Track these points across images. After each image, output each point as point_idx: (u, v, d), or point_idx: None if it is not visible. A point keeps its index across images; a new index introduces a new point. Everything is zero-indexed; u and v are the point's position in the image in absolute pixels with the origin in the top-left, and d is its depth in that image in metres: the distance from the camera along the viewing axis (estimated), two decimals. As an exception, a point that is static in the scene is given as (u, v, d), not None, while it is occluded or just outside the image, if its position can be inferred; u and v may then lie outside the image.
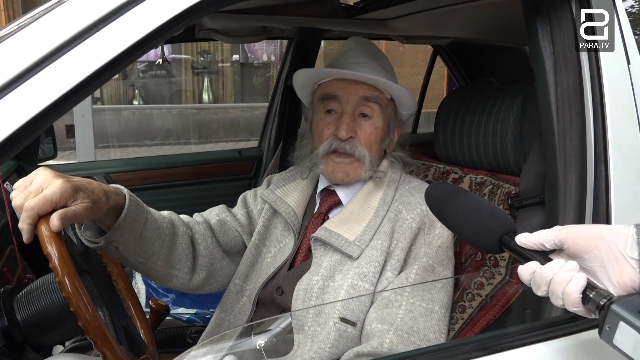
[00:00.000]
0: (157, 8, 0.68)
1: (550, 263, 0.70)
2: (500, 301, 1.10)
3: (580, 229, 0.72)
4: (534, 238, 0.74)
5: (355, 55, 1.29)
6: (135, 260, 1.10)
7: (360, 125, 1.24)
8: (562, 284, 0.68)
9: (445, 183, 0.94)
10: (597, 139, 0.94)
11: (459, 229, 0.85)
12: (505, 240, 0.77)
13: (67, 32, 0.66)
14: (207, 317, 2.06)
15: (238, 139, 8.87)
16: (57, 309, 0.93)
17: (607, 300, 0.65)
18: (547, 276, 0.69)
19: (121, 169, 2.32)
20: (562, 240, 0.72)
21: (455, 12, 1.68)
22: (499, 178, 1.31)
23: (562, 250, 0.73)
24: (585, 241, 0.70)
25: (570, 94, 0.97)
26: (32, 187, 0.88)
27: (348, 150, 1.22)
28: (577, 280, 0.67)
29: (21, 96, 0.64)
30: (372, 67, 1.26)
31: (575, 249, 0.71)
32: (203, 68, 9.50)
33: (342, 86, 1.24)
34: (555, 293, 0.69)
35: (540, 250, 0.74)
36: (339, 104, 1.24)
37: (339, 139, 1.21)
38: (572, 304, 0.67)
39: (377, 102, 1.24)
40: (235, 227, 1.33)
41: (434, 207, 0.91)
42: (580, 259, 0.70)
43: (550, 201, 1.00)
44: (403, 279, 1.14)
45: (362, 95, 1.23)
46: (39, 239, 0.85)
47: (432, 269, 1.15)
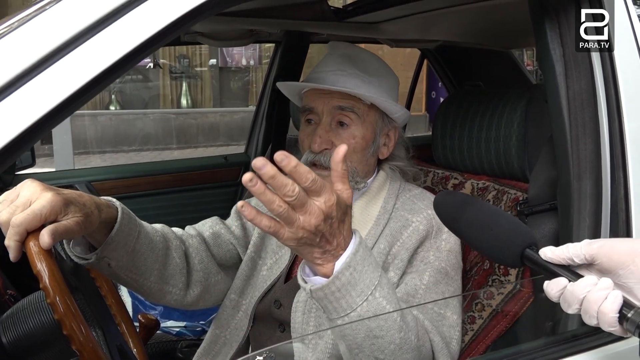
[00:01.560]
0: (159, 11, 0.63)
1: (583, 280, 0.66)
2: (511, 311, 1.07)
3: (614, 243, 0.69)
4: (562, 252, 0.70)
5: (329, 63, 1.24)
6: (127, 276, 1.04)
7: (338, 135, 1.19)
8: (596, 303, 0.64)
9: (456, 192, 0.91)
10: (614, 143, 0.91)
11: (476, 242, 0.80)
12: (528, 254, 0.73)
13: (63, 34, 0.60)
14: (198, 330, 2.01)
15: (218, 143, 8.79)
16: (46, 331, 0.88)
17: None
18: (579, 294, 0.65)
19: (103, 176, 2.24)
20: (594, 255, 0.68)
21: (444, 15, 1.67)
22: (503, 183, 1.28)
23: (590, 265, 0.69)
24: (620, 256, 0.66)
25: (583, 97, 0.95)
26: (19, 201, 0.82)
27: (323, 162, 1.17)
28: (612, 298, 0.63)
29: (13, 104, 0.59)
30: (348, 73, 1.21)
31: (609, 264, 0.67)
32: (181, 72, 9.42)
33: (316, 97, 1.21)
34: (589, 312, 0.65)
35: (567, 264, 0.70)
36: (316, 115, 1.21)
37: (312, 151, 1.18)
38: (608, 324, 0.64)
39: (352, 110, 1.19)
40: (229, 240, 1.28)
41: (446, 219, 0.85)
42: (615, 275, 0.66)
43: (563, 208, 0.98)
44: (417, 280, 1.10)
45: (336, 105, 1.19)
46: (28, 257, 0.80)
47: (445, 271, 1.12)
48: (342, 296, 0.82)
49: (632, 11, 0.96)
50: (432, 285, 1.10)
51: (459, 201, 0.83)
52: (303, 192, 0.74)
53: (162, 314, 2.05)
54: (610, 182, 0.91)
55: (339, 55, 1.26)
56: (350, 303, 0.83)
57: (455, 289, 1.13)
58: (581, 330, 0.85)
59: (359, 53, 1.28)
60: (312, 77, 1.25)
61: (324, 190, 0.77)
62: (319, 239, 0.79)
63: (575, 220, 0.93)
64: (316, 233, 0.77)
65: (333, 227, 0.80)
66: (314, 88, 1.22)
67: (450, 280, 1.12)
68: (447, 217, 0.85)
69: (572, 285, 0.67)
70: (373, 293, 0.84)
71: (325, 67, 1.24)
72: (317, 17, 1.90)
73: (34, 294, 0.94)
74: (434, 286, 1.10)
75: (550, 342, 0.82)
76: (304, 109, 1.23)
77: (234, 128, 8.92)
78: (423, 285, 1.09)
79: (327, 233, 0.79)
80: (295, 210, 0.75)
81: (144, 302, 2.08)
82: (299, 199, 0.73)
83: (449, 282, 1.12)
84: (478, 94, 1.42)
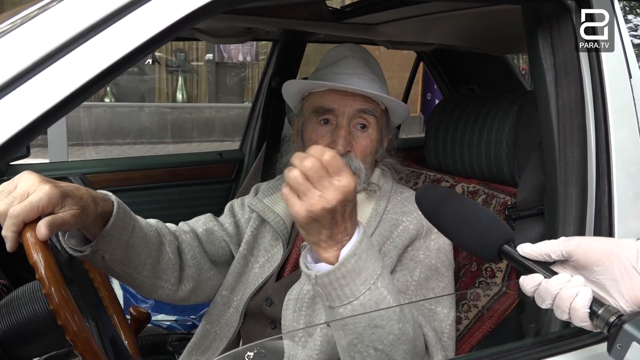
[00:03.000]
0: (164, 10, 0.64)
1: (556, 277, 0.70)
2: (496, 313, 1.10)
3: (590, 241, 0.72)
4: (539, 248, 0.73)
5: (351, 65, 1.24)
6: (120, 270, 1.05)
7: (356, 137, 1.20)
8: (568, 299, 0.67)
9: (438, 186, 0.92)
10: (600, 152, 0.94)
11: (455, 236, 0.82)
12: (506, 249, 0.76)
13: (67, 32, 0.62)
14: (188, 324, 2.02)
15: (212, 139, 8.77)
16: (40, 320, 0.89)
17: (616, 317, 0.65)
18: (553, 290, 0.69)
19: (97, 169, 2.24)
20: (571, 252, 0.71)
21: (441, 19, 1.70)
22: (493, 188, 1.31)
23: (565, 262, 0.73)
24: (596, 254, 0.70)
25: (572, 106, 0.97)
26: (16, 193, 0.83)
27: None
28: (583, 295, 0.67)
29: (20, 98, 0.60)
30: (368, 78, 1.22)
31: (584, 261, 0.70)
32: (177, 67, 9.37)
33: (337, 98, 1.19)
34: (561, 307, 0.68)
35: (543, 261, 0.73)
36: (334, 117, 1.20)
37: None
38: (579, 319, 0.67)
39: (372, 114, 1.21)
40: (222, 237, 1.29)
41: (427, 211, 0.86)
42: (589, 272, 0.70)
43: (549, 213, 1.00)
44: (408, 276, 1.11)
45: (359, 107, 1.19)
46: (24, 248, 0.81)
47: (435, 268, 1.13)
48: (347, 283, 0.84)
49: (622, 26, 0.98)
50: (423, 282, 1.11)
51: (440, 195, 0.85)
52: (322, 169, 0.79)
53: (153, 307, 2.06)
54: (596, 189, 0.93)
55: (359, 59, 1.26)
56: (354, 291, 0.85)
57: (446, 285, 1.14)
58: (565, 332, 0.88)
59: (371, 59, 1.30)
60: (333, 78, 1.22)
61: (345, 172, 0.80)
62: (330, 219, 0.81)
63: (561, 225, 0.96)
64: (331, 212, 0.80)
65: (346, 211, 0.82)
66: (334, 89, 1.20)
67: (441, 277, 1.14)
68: (428, 211, 0.86)
69: (546, 282, 0.70)
70: (375, 282, 0.86)
71: (346, 69, 1.23)
72: (315, 17, 1.91)
73: (28, 284, 0.95)
74: (425, 282, 1.11)
75: (534, 343, 0.84)
76: (323, 109, 1.20)
77: (229, 124, 8.89)
78: (414, 281, 1.11)
79: (339, 215, 0.82)
80: (314, 185, 0.79)
81: (136, 295, 2.08)
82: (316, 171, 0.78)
83: (440, 278, 1.13)
84: (471, 99, 1.43)
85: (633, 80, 0.97)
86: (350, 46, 1.31)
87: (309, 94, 1.27)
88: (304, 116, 1.27)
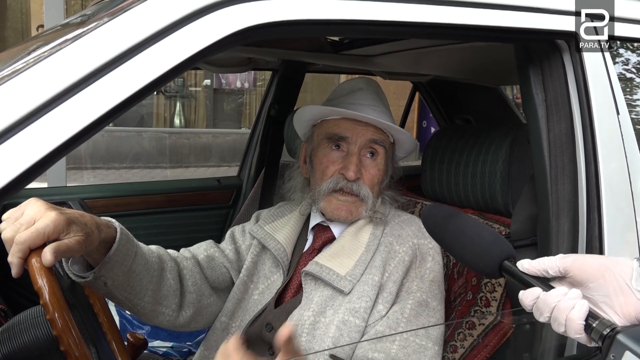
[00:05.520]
0: (176, 47, 0.68)
1: (554, 290, 0.72)
2: (492, 341, 1.11)
3: (586, 258, 0.75)
4: (538, 264, 0.76)
5: (366, 97, 1.30)
6: (122, 295, 1.07)
7: (366, 166, 1.25)
8: (565, 311, 0.69)
9: (443, 205, 0.95)
10: (590, 185, 0.97)
11: (458, 252, 0.85)
12: (506, 265, 0.78)
13: (76, 73, 0.65)
14: (184, 351, 2.01)
15: (209, 164, 8.78)
16: (42, 346, 0.90)
17: (610, 330, 0.67)
18: (550, 303, 0.71)
19: (96, 194, 2.25)
20: (567, 268, 0.73)
21: (436, 52, 1.75)
22: (487, 217, 1.33)
23: (563, 278, 0.75)
24: (592, 270, 0.72)
25: (563, 140, 1.00)
26: (23, 219, 0.85)
27: (354, 190, 1.22)
28: (579, 307, 0.69)
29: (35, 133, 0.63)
30: (380, 110, 1.28)
31: (580, 277, 0.72)
32: (175, 92, 9.43)
33: (351, 127, 1.24)
34: (558, 320, 0.70)
35: (542, 276, 0.75)
36: (346, 144, 1.25)
37: (347, 179, 1.22)
38: (574, 331, 0.69)
39: (382, 145, 1.26)
40: (223, 263, 1.31)
41: (432, 228, 0.90)
42: (585, 288, 0.72)
43: (542, 244, 1.02)
44: (398, 314, 1.14)
45: (370, 137, 1.24)
46: (30, 274, 0.82)
47: (426, 303, 1.15)
48: None
49: (610, 65, 1.03)
50: (413, 318, 1.13)
51: (445, 213, 0.88)
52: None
53: (150, 333, 2.04)
54: (586, 221, 0.96)
55: (372, 92, 1.32)
56: None
57: (437, 320, 1.16)
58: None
59: (382, 91, 1.36)
60: (348, 108, 1.26)
61: None
62: None
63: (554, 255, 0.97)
64: None
65: None
66: (348, 118, 1.25)
67: (432, 312, 1.16)
68: (433, 228, 0.89)
69: (544, 295, 0.72)
70: None
71: (362, 100, 1.29)
72: (314, 48, 1.96)
73: (29, 309, 0.96)
74: (415, 319, 1.13)
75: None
76: (337, 136, 1.25)
77: (226, 149, 8.92)
78: (404, 318, 1.13)
79: None
80: None
81: (132, 321, 2.07)
82: None
83: (430, 314, 1.16)
84: (465, 131, 1.47)
85: (620, 117, 1.01)
86: (364, 79, 1.37)
87: (321, 121, 1.31)
88: (314, 142, 1.31)
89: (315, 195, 1.26)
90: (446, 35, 1.07)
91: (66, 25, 1.00)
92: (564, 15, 1.03)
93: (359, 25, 0.86)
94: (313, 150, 1.31)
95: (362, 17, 0.85)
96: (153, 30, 0.67)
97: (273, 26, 0.76)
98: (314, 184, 1.29)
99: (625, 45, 1.18)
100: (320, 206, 1.25)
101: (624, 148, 0.99)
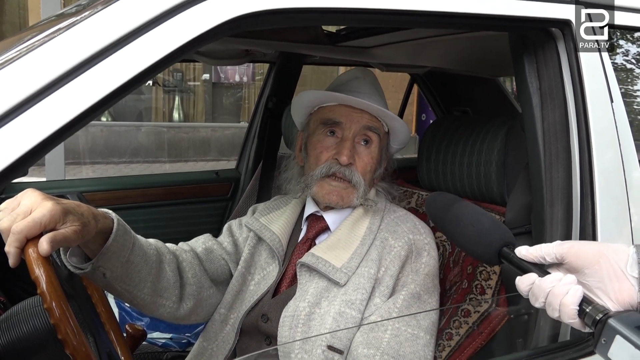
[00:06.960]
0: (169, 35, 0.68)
1: (549, 275, 0.73)
2: (487, 329, 1.12)
3: (582, 245, 0.75)
4: (535, 251, 0.77)
5: (362, 85, 1.32)
6: (121, 287, 1.07)
7: (359, 153, 1.26)
8: (559, 296, 0.70)
9: (447, 193, 0.97)
10: (584, 173, 0.97)
11: (458, 238, 0.86)
12: (505, 252, 0.79)
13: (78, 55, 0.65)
14: (183, 342, 2.02)
15: (208, 158, 8.79)
16: (40, 335, 0.90)
17: (603, 315, 0.68)
18: (545, 288, 0.72)
19: (95, 188, 2.26)
20: (564, 255, 0.74)
21: (434, 43, 1.75)
22: (483, 206, 1.33)
23: (560, 265, 0.76)
24: (587, 256, 0.73)
25: (557, 128, 1.01)
26: (20, 209, 0.85)
27: (347, 175, 1.23)
28: (573, 292, 0.70)
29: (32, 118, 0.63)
30: (376, 99, 1.29)
31: (576, 263, 0.73)
32: (174, 86, 9.42)
33: (346, 113, 1.26)
34: (552, 305, 0.71)
35: (539, 263, 0.76)
36: (341, 130, 1.26)
37: (339, 163, 1.23)
38: (568, 316, 0.70)
39: (376, 132, 1.27)
40: (222, 256, 1.32)
41: (435, 216, 0.91)
42: (580, 274, 0.73)
43: (537, 232, 1.03)
44: (390, 304, 1.15)
45: (365, 124, 1.26)
46: (26, 263, 0.82)
47: (418, 296, 1.17)
48: None
49: (605, 55, 1.03)
50: (405, 309, 1.15)
51: (448, 201, 0.90)
52: None
53: (149, 325, 2.05)
54: (580, 209, 0.97)
55: (369, 82, 1.34)
56: None
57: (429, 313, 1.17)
58: (553, 346, 0.90)
59: (379, 85, 1.38)
60: (345, 93, 1.27)
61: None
62: None
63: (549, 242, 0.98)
64: None
65: None
66: (345, 105, 1.26)
67: (423, 304, 1.17)
68: (435, 214, 0.91)
69: (539, 280, 0.73)
70: None
71: (358, 89, 1.30)
72: (311, 40, 1.96)
73: (28, 299, 0.97)
74: (407, 310, 1.15)
75: (523, 357, 0.86)
76: (332, 121, 1.26)
77: (224, 143, 8.92)
78: (396, 308, 1.14)
79: None
80: None
81: (131, 313, 2.08)
82: None
83: (422, 306, 1.17)
84: (462, 122, 1.47)
85: (614, 104, 1.01)
86: (361, 69, 1.39)
87: (318, 108, 1.33)
88: (310, 130, 1.33)
89: (308, 180, 1.27)
90: (441, 24, 1.07)
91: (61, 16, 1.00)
92: (559, 4, 1.03)
93: (353, 14, 0.87)
94: (308, 137, 1.32)
95: (357, 5, 0.85)
96: (144, 19, 0.67)
97: (266, 14, 0.76)
98: (307, 169, 1.30)
99: (620, 34, 1.18)
100: (312, 191, 1.26)
101: (617, 136, 1.00)
